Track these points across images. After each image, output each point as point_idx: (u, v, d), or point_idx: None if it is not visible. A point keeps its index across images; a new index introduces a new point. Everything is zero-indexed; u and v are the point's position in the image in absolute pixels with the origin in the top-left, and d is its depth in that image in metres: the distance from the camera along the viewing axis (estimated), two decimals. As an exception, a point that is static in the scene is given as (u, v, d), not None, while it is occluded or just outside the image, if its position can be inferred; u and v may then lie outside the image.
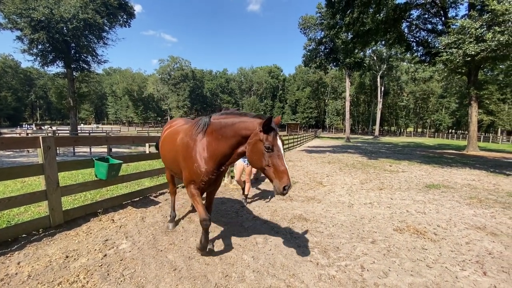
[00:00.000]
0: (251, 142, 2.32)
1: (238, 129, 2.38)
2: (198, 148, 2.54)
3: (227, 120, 2.48)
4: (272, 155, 2.21)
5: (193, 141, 2.58)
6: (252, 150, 2.30)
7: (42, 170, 3.18)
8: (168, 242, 3.23)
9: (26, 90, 73.61)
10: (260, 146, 2.23)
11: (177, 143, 2.81)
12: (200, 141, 2.54)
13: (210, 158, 2.49)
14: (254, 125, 2.31)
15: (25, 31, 21.07)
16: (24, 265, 2.57)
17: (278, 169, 2.19)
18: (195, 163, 2.53)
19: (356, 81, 61.07)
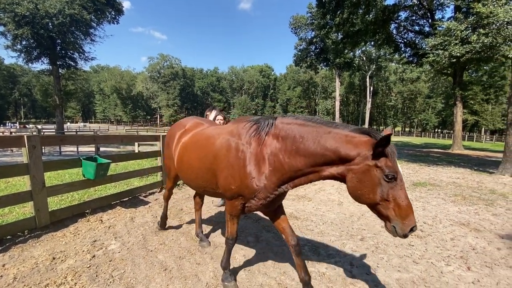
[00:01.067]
0: (357, 168, 1.64)
1: (331, 145, 1.71)
2: (256, 155, 1.95)
3: (308, 128, 1.84)
4: (393, 186, 1.60)
5: (249, 146, 1.99)
6: (361, 180, 1.63)
7: (27, 170, 3.10)
8: (158, 242, 3.20)
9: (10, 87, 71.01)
10: (375, 175, 1.60)
11: (216, 147, 2.18)
12: (259, 147, 1.95)
13: (273, 172, 1.90)
14: (361, 143, 1.64)
15: (8, 26, 20.32)
16: (10, 267, 2.50)
17: (401, 205, 1.61)
18: (250, 174, 1.94)
19: (345, 81, 61.89)
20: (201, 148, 2.38)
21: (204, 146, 2.36)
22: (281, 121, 1.97)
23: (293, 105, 73.50)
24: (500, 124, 45.88)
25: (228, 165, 2.04)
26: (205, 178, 2.31)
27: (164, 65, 75.28)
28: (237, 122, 2.29)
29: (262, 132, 1.97)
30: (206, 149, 2.30)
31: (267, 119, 2.05)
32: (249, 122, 2.11)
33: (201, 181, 2.38)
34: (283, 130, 1.91)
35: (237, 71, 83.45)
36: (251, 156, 1.96)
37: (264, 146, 1.94)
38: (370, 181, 1.61)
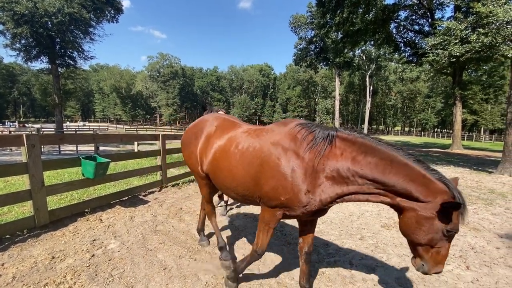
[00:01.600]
0: (422, 212, 1.58)
1: (404, 181, 1.63)
2: (313, 168, 1.80)
3: (379, 152, 1.74)
4: (445, 238, 1.58)
5: (306, 157, 1.83)
6: (420, 223, 1.59)
7: (26, 169, 3.09)
8: (158, 241, 3.20)
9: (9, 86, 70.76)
10: (437, 226, 1.55)
11: (264, 154, 1.98)
12: (317, 159, 1.79)
13: (332, 187, 1.81)
14: (437, 192, 1.56)
15: (7, 25, 20.22)
16: (9, 266, 2.49)
17: (442, 253, 1.61)
18: (306, 187, 1.79)
19: (345, 80, 61.87)
20: (245, 154, 2.12)
21: (248, 152, 2.11)
22: (345, 136, 1.84)
23: (293, 105, 73.42)
24: (499, 124, 45.95)
25: (279, 175, 1.86)
26: (247, 186, 2.10)
27: (164, 64, 75.12)
28: (284, 125, 2.10)
29: (322, 143, 1.83)
30: (251, 155, 2.07)
31: (325, 129, 1.91)
32: (303, 128, 1.96)
33: (241, 188, 2.16)
34: (349, 146, 1.80)
35: (237, 70, 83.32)
36: (307, 168, 1.80)
37: (325, 158, 1.80)
38: (428, 228, 1.58)
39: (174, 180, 6.14)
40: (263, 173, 1.96)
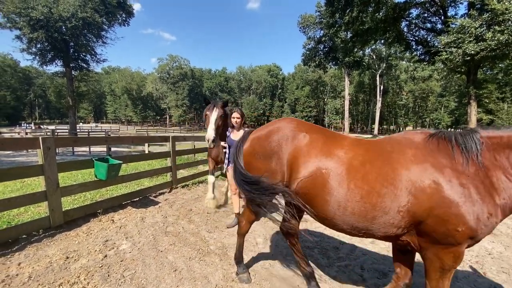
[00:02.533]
0: None
1: None
2: (483, 183, 1.51)
3: None
4: None
5: (468, 171, 1.54)
6: None
7: (42, 171, 3.18)
8: (168, 243, 3.23)
9: (25, 89, 73.23)
10: None
11: (411, 178, 1.60)
12: (481, 170, 1.53)
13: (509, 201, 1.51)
14: None
15: (24, 30, 20.95)
16: (25, 266, 2.57)
17: None
18: (489, 208, 1.48)
19: (355, 80, 61.06)
20: (378, 179, 1.65)
21: (382, 177, 1.65)
22: (492, 135, 1.60)
23: (302, 105, 72.99)
24: (516, 123, 44.32)
25: (445, 202, 1.50)
26: (382, 220, 1.63)
27: (173, 66, 76.07)
28: (411, 140, 1.77)
29: (473, 150, 1.56)
30: (391, 182, 1.62)
31: (465, 135, 1.63)
32: (439, 138, 1.69)
33: (367, 222, 1.68)
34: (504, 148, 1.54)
35: (245, 71, 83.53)
36: (479, 185, 1.50)
37: (488, 169, 1.53)
38: None
39: (184, 181, 6.20)
40: (420, 204, 1.55)
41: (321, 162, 1.86)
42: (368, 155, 1.78)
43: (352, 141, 1.96)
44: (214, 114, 3.77)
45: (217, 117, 3.77)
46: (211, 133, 3.66)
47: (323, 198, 1.80)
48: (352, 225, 1.74)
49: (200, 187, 6.24)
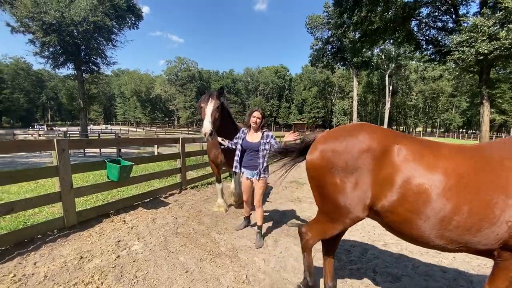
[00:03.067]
0: None
1: None
2: None
3: None
4: None
5: None
6: None
7: (57, 172, 3.25)
8: (179, 244, 3.25)
9: (38, 91, 75.21)
10: None
11: None
12: None
13: None
14: None
15: (37, 34, 21.56)
16: (40, 265, 2.63)
17: None
18: None
19: (363, 80, 60.42)
20: (495, 185, 1.53)
21: (501, 182, 1.52)
22: None
23: (309, 106, 72.60)
24: (532, 124, 42.97)
25: None
26: (489, 230, 1.51)
27: (181, 68, 76.91)
28: None
29: None
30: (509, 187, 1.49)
31: None
32: None
33: (472, 235, 1.55)
34: None
35: (252, 72, 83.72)
36: None
37: None
38: None
39: (193, 183, 6.24)
40: None
41: (425, 177, 1.67)
42: (475, 163, 1.64)
43: (453, 148, 1.79)
44: (210, 106, 3.46)
45: (213, 108, 3.47)
46: (208, 126, 3.31)
47: (424, 215, 1.64)
48: (451, 240, 1.62)
49: (209, 188, 6.26)
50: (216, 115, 3.52)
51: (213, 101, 3.50)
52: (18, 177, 3.05)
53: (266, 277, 2.64)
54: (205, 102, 3.51)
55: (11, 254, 2.76)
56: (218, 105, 3.55)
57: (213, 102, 3.50)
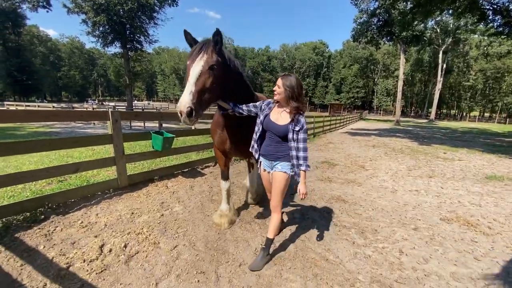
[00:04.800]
0: None
1: None
2: None
3: None
4: None
5: None
6: None
7: (111, 140, 3.72)
8: (214, 209, 3.59)
9: (90, 69, 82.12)
10: None
11: None
12: None
13: None
14: None
15: (89, 14, 23.21)
16: (101, 216, 3.14)
17: None
18: None
19: (412, 57, 54.81)
20: None
21: None
22: None
23: (348, 85, 68.48)
24: None
25: None
26: None
27: (218, 45, 77.22)
28: None
29: None
30: None
31: None
32: None
33: None
34: None
35: (289, 49, 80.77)
36: None
37: None
38: None
39: (227, 157, 6.58)
40: None
41: None
42: None
43: None
44: (197, 66, 2.02)
45: (202, 71, 2.01)
46: (185, 100, 1.91)
47: None
48: None
49: (241, 163, 6.56)
50: (206, 83, 2.02)
51: (204, 57, 2.04)
52: (82, 142, 3.57)
53: (291, 244, 2.83)
54: (191, 58, 2.09)
55: (78, 206, 3.32)
56: (213, 63, 2.05)
57: (204, 58, 2.04)
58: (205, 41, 2.13)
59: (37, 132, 12.98)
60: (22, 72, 46.93)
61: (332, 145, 11.13)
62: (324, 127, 16.36)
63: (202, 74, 2.01)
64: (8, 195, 3.45)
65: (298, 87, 2.21)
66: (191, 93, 1.95)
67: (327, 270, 2.42)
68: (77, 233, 2.75)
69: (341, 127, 22.30)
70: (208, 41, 2.12)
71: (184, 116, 1.92)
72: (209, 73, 2.04)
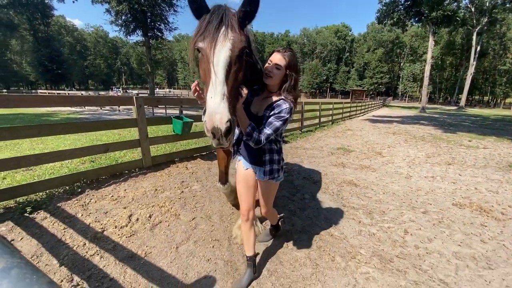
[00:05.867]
0: None
1: None
2: None
3: None
4: None
5: None
6: None
7: (136, 124, 4.06)
8: (229, 189, 3.87)
9: (114, 57, 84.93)
10: None
11: None
12: None
13: None
14: None
15: (112, 3, 23.90)
16: (129, 191, 3.51)
17: None
18: None
19: (443, 39, 51.15)
20: None
21: None
22: None
23: (372, 70, 65.50)
24: None
25: None
26: None
27: (237, 31, 76.40)
28: None
29: None
30: None
31: None
32: None
33: None
34: None
35: (310, 33, 78.18)
36: None
37: None
38: None
39: (243, 142, 6.84)
40: None
41: None
42: None
43: None
44: (225, 49, 1.29)
45: (232, 56, 1.30)
46: (220, 110, 1.23)
47: None
48: None
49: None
50: (238, 78, 1.38)
51: (230, 35, 1.31)
52: (111, 125, 3.94)
53: (299, 220, 3.04)
54: (210, 37, 1.30)
55: (108, 182, 3.72)
56: (244, 46, 1.37)
57: (230, 37, 1.30)
58: (223, 8, 1.33)
59: (68, 118, 13.97)
60: (52, 62, 49.63)
61: (350, 132, 11.02)
62: (343, 114, 16.09)
63: (233, 64, 1.28)
64: (49, 172, 3.93)
65: (298, 72, 1.74)
66: (225, 96, 1.22)
67: (330, 244, 2.62)
68: (109, 204, 3.13)
69: (362, 114, 21.75)
70: (226, 9, 1.33)
71: (221, 134, 1.24)
72: (240, 62, 1.33)
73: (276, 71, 1.64)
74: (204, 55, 1.32)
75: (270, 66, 1.66)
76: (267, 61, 1.72)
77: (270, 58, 1.70)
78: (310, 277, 2.15)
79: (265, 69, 1.68)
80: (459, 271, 2.35)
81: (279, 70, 1.64)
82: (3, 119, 11.69)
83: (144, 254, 2.29)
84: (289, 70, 1.65)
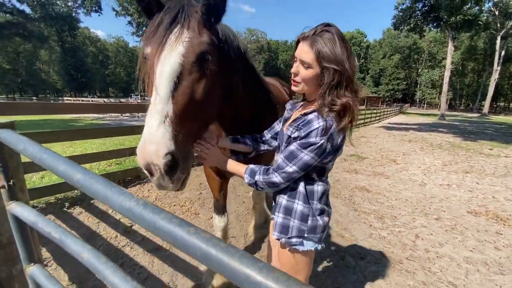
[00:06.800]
0: None
1: None
2: None
3: None
4: None
5: None
6: None
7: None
8: (244, 191, 4.07)
9: (133, 66, 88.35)
10: None
11: None
12: None
13: None
14: None
15: (133, 16, 25.25)
16: (152, 192, 3.79)
17: None
18: None
19: (463, 44, 49.55)
20: None
21: None
22: None
23: (388, 76, 64.38)
24: None
25: None
26: None
27: (251, 39, 77.75)
28: None
29: None
30: None
31: None
32: None
33: None
34: None
35: (324, 40, 78.23)
36: None
37: None
38: None
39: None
40: None
41: None
42: None
43: None
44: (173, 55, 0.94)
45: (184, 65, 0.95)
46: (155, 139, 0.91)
47: None
48: None
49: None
50: (196, 93, 0.99)
51: (185, 36, 0.96)
52: (136, 130, 4.27)
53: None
54: (156, 42, 0.96)
55: (134, 183, 4.03)
56: (204, 49, 0.99)
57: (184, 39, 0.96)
58: (181, 3, 1.00)
59: (92, 123, 14.79)
60: (77, 71, 52.63)
61: (365, 139, 10.97)
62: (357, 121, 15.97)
63: (185, 74, 0.96)
64: (81, 173, 4.30)
65: (347, 60, 1.06)
66: (168, 119, 0.93)
67: (341, 244, 2.74)
68: (135, 203, 3.42)
69: (377, 121, 21.44)
70: (186, 4, 1.01)
71: (160, 175, 0.94)
72: (200, 72, 0.99)
73: (304, 72, 1.08)
74: (149, 64, 0.99)
75: (295, 67, 1.13)
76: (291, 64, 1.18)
77: (294, 53, 1.15)
78: (321, 274, 2.29)
79: (290, 72, 1.17)
80: (469, 275, 2.41)
81: (308, 70, 1.06)
82: (34, 124, 12.57)
83: (168, 246, 2.52)
84: (326, 63, 1.00)
